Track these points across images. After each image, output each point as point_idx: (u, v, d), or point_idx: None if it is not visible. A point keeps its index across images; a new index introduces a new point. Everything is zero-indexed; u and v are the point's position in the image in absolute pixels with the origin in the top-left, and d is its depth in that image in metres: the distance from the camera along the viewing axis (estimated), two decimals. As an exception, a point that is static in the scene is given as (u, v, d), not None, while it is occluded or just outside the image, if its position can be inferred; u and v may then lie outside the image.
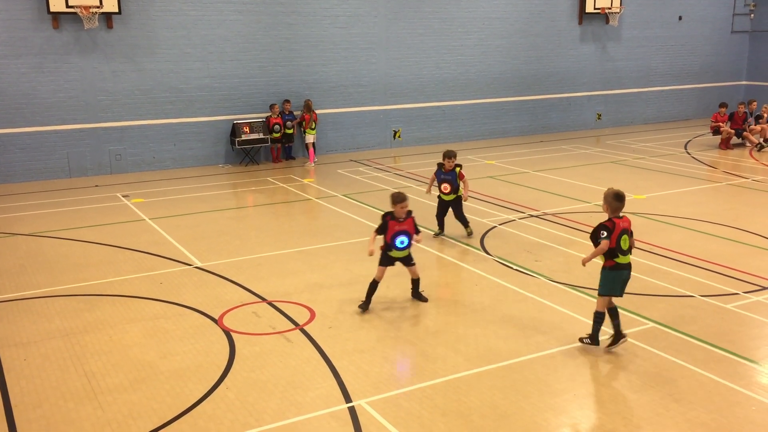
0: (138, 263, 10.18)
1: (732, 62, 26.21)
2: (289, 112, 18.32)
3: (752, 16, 25.93)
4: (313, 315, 8.16)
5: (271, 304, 8.54)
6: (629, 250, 6.98)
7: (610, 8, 22.56)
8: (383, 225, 8.19)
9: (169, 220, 12.59)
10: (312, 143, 18.09)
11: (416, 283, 8.57)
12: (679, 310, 8.14)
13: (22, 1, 15.64)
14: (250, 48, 18.00)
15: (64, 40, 16.15)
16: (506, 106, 21.98)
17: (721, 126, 19.48)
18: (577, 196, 13.86)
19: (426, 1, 20.01)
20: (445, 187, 10.86)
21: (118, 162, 17.15)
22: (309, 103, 18.20)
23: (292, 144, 18.64)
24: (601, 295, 7.08)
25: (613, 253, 6.87)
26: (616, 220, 6.88)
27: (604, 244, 6.81)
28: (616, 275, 6.96)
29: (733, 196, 13.99)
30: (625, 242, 6.88)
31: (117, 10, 16.19)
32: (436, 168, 11.01)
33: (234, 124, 17.79)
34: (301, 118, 18.24)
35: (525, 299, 8.56)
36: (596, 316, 7.12)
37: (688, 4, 24.64)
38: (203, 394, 6.39)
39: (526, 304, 8.40)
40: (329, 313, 8.21)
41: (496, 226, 11.68)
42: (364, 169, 17.17)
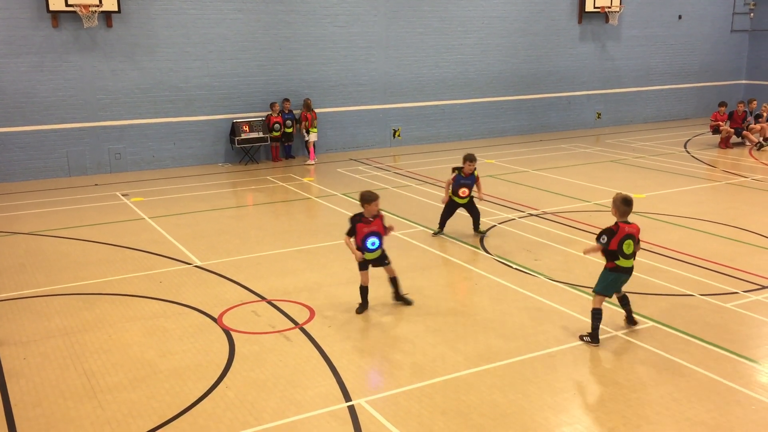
0: (137, 262, 10.17)
1: (731, 61, 26.20)
2: (289, 111, 18.31)
3: (752, 15, 25.92)
4: (312, 314, 8.16)
5: (270, 303, 8.54)
6: (632, 255, 7.20)
7: (610, 7, 22.55)
8: (352, 229, 8.04)
9: (169, 219, 12.58)
10: (313, 142, 18.12)
11: (395, 282, 8.33)
12: (679, 309, 8.14)
13: (21, 0, 15.63)
14: (250, 47, 18.00)
15: (63, 39, 16.14)
16: (506, 105, 21.97)
17: (720, 125, 19.48)
18: (576, 195, 13.86)
19: (425, 0, 19.99)
20: (464, 192, 10.82)
21: (118, 161, 17.15)
22: (308, 102, 18.21)
23: (292, 143, 18.64)
24: (596, 293, 7.32)
25: (615, 256, 7.12)
26: (621, 225, 7.12)
27: (598, 246, 7.20)
28: (615, 277, 7.23)
29: (733, 195, 13.99)
30: (628, 247, 7.11)
31: (116, 9, 16.17)
32: (451, 173, 10.85)
33: (233, 123, 17.78)
34: (303, 117, 18.23)
35: (524, 298, 8.56)
36: (594, 314, 7.25)
37: (687, 3, 24.63)
38: (203, 392, 6.39)
39: (526, 303, 8.40)
40: (329, 312, 8.21)
41: (495, 225, 11.68)
42: (363, 168, 17.17)
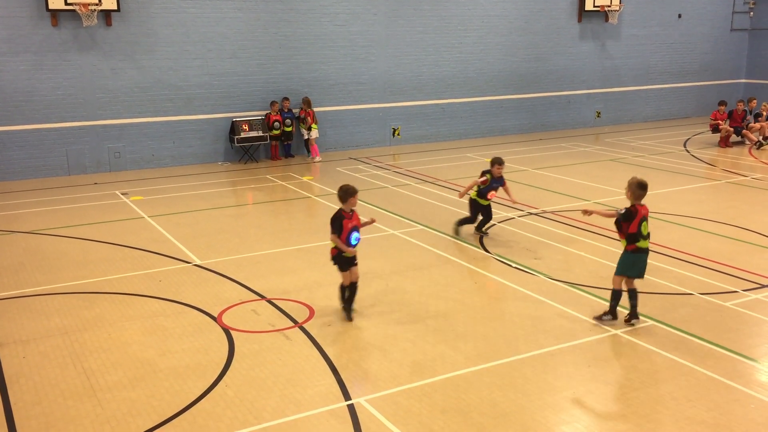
0: (137, 261, 10.17)
1: (731, 60, 26.19)
2: (288, 110, 18.30)
3: (752, 14, 25.91)
4: (312, 313, 8.16)
5: (270, 301, 8.54)
6: (648, 235, 7.52)
7: (610, 6, 22.54)
8: (339, 225, 7.67)
9: (169, 218, 12.58)
10: (314, 139, 18.15)
11: (354, 288, 7.95)
12: (679, 308, 8.14)
13: (20, -1, 15.64)
14: (249, 46, 17.99)
15: (63, 38, 16.13)
16: (505, 103, 21.96)
17: (720, 124, 19.48)
18: (576, 193, 13.86)
19: (425, -1, 20.01)
20: (492, 195, 10.92)
21: (117, 159, 17.14)
22: (308, 100, 18.20)
23: (292, 141, 18.63)
24: (617, 275, 7.65)
25: (635, 238, 7.43)
26: (638, 207, 7.43)
27: (609, 212, 7.72)
28: (636, 258, 7.52)
29: (733, 194, 13.99)
30: (645, 227, 7.45)
31: (116, 8, 16.15)
32: (481, 176, 10.82)
33: (233, 122, 17.77)
34: (305, 114, 18.20)
35: (524, 297, 8.56)
36: (613, 294, 7.68)
37: (687, 2, 24.61)
38: (202, 391, 6.39)
39: (526, 302, 8.39)
40: (328, 310, 8.21)
41: (495, 224, 11.67)
42: (363, 167, 17.16)
